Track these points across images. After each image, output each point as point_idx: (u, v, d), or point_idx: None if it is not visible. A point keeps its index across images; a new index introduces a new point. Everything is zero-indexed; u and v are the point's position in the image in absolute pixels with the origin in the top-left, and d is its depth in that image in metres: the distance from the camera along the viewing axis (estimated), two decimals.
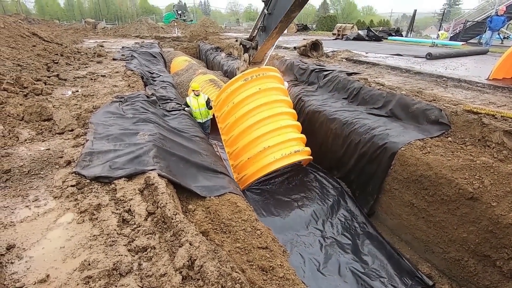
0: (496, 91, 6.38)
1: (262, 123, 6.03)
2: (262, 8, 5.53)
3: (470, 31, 20.08)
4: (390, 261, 4.67)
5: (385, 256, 4.76)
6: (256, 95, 6.19)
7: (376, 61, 9.94)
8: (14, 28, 9.84)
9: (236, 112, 6.26)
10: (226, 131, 6.47)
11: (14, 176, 3.15)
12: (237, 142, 6.18)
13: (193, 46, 22.78)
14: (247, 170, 5.94)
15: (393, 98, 6.31)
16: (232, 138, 6.29)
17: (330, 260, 4.71)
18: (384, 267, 4.59)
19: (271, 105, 6.22)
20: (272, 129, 5.99)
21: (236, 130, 6.20)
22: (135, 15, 66.72)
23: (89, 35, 23.38)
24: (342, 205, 5.87)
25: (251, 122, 6.03)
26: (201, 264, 2.07)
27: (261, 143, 5.90)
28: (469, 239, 4.02)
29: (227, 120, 6.45)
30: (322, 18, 42.37)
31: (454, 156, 4.47)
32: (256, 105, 6.10)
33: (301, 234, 5.18)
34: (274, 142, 5.88)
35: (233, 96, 6.34)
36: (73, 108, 5.27)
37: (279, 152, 5.86)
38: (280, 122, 6.16)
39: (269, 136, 5.95)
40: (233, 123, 6.30)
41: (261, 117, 6.02)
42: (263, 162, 5.81)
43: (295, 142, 6.23)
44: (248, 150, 5.99)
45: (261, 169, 5.81)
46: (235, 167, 6.29)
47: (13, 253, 2.19)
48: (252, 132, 6.01)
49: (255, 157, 5.87)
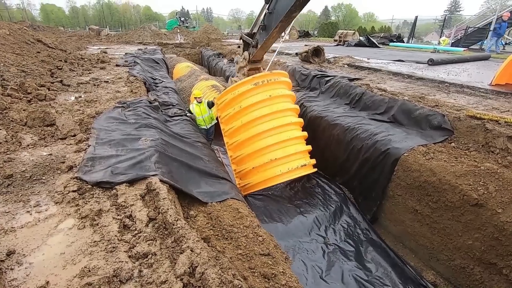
0: (499, 96, 6.36)
1: (271, 132, 5.84)
2: (263, 5, 5.51)
3: (471, 37, 20.15)
4: (394, 269, 4.60)
5: (389, 264, 4.70)
6: (267, 102, 5.96)
7: (378, 67, 9.97)
8: (19, 35, 9.99)
9: (243, 117, 6.03)
10: (230, 134, 6.28)
11: (16, 181, 3.14)
12: (242, 149, 6.04)
13: (196, 52, 23.00)
14: (251, 179, 5.85)
15: (395, 103, 6.30)
16: (237, 143, 6.14)
17: (333, 267, 4.65)
18: (388, 275, 4.52)
19: (280, 114, 6.02)
20: (280, 140, 5.82)
21: (242, 136, 6.01)
22: (138, 22, 67.63)
23: (93, 42, 23.66)
24: (345, 212, 5.81)
25: (259, 131, 5.83)
26: (202, 271, 2.04)
27: (268, 153, 5.75)
28: (475, 246, 3.96)
29: (232, 123, 6.25)
30: (324, 24, 42.74)
31: (457, 162, 4.43)
32: (265, 113, 5.88)
33: (303, 241, 5.13)
34: (281, 155, 5.73)
35: (241, 99, 6.06)
36: (76, 113, 5.29)
37: (286, 165, 5.72)
38: (289, 133, 5.97)
39: (276, 147, 5.79)
40: (239, 128, 6.09)
41: (270, 126, 5.83)
42: (268, 175, 5.69)
43: (302, 155, 6.10)
44: (253, 159, 5.85)
45: (266, 181, 5.71)
46: (238, 173, 6.22)
47: (13, 259, 2.17)
48: (259, 140, 5.85)
49: (261, 167, 5.75)
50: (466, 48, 17.21)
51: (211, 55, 18.84)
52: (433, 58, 10.67)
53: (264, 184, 5.75)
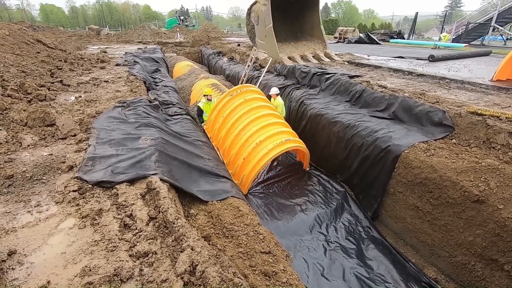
0: (500, 92, 6.33)
1: (251, 125, 6.28)
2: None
3: (472, 32, 20.05)
4: (395, 266, 4.60)
5: (390, 261, 4.69)
6: (244, 104, 6.63)
7: (378, 64, 9.92)
8: (19, 35, 9.99)
9: (227, 123, 6.56)
10: (221, 145, 6.62)
11: (17, 181, 3.15)
12: (231, 151, 6.27)
13: (196, 51, 22.95)
14: (245, 170, 5.96)
15: (396, 100, 6.27)
16: (226, 148, 6.42)
17: (334, 265, 4.65)
18: (389, 272, 4.51)
19: (256, 110, 6.59)
20: (262, 126, 6.24)
21: (229, 140, 6.39)
22: (138, 21, 67.47)
23: (93, 41, 23.65)
24: (346, 209, 5.81)
25: (241, 127, 6.28)
26: (203, 270, 2.04)
27: (253, 141, 6.06)
28: (476, 242, 3.95)
29: (220, 135, 6.67)
30: (324, 21, 42.56)
31: (458, 158, 4.41)
32: (243, 112, 6.46)
33: (304, 239, 5.12)
34: (265, 136, 6.07)
35: (223, 110, 6.76)
36: (76, 113, 5.30)
37: (271, 143, 5.96)
38: (268, 120, 6.46)
39: (259, 133, 6.14)
40: (225, 135, 6.49)
41: (250, 119, 6.33)
42: (258, 156, 5.88)
43: (285, 134, 6.36)
44: (242, 152, 6.10)
45: (258, 162, 5.84)
46: (234, 175, 6.25)
47: (14, 259, 2.18)
48: (244, 135, 6.22)
49: (250, 155, 5.95)
50: (467, 44, 17.12)
51: (211, 54, 18.80)
52: (433, 54, 10.62)
53: (257, 166, 5.83)
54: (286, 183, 6.53)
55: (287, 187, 6.44)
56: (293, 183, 6.53)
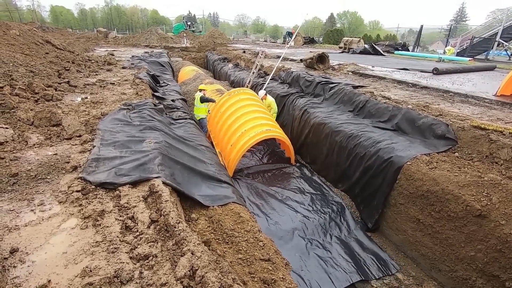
0: (504, 107, 6.33)
1: (242, 118, 7.46)
2: None
3: (477, 47, 20.12)
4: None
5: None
6: (238, 103, 7.98)
7: (382, 75, 9.97)
8: (28, 36, 10.16)
9: (223, 117, 7.88)
10: (219, 141, 7.74)
11: (21, 179, 3.18)
12: (224, 139, 7.43)
13: (201, 56, 23.20)
14: (231, 155, 6.94)
15: (399, 112, 6.29)
16: (221, 138, 7.57)
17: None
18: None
19: (249, 107, 7.86)
20: (248, 119, 7.40)
21: (222, 134, 7.63)
22: (145, 25, 68.43)
23: (101, 44, 23.96)
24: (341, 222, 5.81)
25: (232, 120, 7.55)
26: (203, 275, 2.05)
27: (240, 130, 7.17)
28: (477, 257, 3.92)
29: (217, 134, 7.87)
30: (329, 31, 42.99)
31: (461, 172, 4.41)
32: (236, 108, 7.79)
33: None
34: (250, 126, 7.19)
35: (220, 108, 8.19)
36: (82, 114, 5.36)
37: (254, 132, 7.01)
38: (255, 114, 7.65)
39: (246, 124, 7.25)
40: (220, 127, 7.74)
41: (240, 113, 7.60)
42: (241, 143, 6.89)
43: (268, 126, 7.33)
44: (231, 140, 7.20)
45: (242, 146, 6.79)
46: (226, 165, 6.97)
47: (16, 257, 2.20)
48: (232, 127, 7.42)
49: (236, 142, 7.01)
50: (472, 58, 17.18)
51: (217, 60, 19.00)
52: (438, 67, 10.66)
53: (241, 149, 6.77)
54: (284, 187, 6.87)
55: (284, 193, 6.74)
56: (291, 187, 6.94)
